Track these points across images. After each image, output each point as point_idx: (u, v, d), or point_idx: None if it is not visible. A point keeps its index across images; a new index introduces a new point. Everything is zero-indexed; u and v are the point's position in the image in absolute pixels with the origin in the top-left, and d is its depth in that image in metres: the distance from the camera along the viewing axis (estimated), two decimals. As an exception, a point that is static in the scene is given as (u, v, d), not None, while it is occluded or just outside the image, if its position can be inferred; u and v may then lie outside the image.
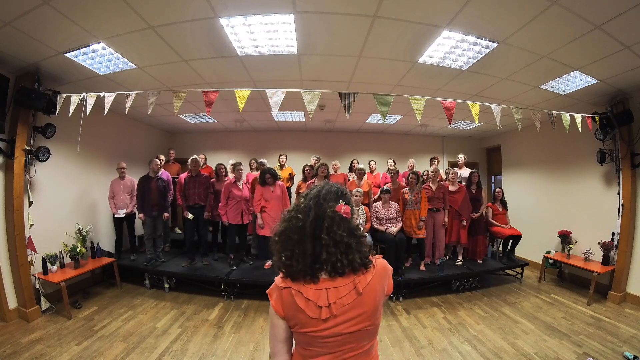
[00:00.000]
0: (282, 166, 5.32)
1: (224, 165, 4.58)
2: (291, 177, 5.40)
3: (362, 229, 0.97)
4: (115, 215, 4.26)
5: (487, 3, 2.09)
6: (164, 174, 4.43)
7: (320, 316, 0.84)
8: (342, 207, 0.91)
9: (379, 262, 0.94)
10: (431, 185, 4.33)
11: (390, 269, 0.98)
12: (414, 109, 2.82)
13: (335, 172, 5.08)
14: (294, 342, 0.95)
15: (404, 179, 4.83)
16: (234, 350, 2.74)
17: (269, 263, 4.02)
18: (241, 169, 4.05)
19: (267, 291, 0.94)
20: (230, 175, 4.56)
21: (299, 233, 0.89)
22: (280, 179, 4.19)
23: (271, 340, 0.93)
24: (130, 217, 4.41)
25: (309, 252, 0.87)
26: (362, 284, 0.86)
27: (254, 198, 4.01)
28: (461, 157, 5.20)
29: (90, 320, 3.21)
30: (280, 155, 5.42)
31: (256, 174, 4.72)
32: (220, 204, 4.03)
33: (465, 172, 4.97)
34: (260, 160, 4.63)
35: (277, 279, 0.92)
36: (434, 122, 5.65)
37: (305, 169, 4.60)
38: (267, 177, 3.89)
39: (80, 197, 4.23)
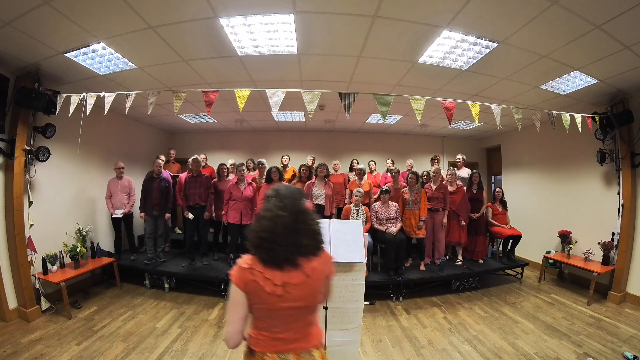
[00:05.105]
0: (285, 167, 5.26)
1: (226, 165, 4.57)
2: (294, 178, 5.37)
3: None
4: (113, 216, 4.24)
5: (487, 3, 2.09)
6: (165, 174, 4.43)
7: (275, 292, 1.03)
8: (309, 203, 1.20)
9: (325, 253, 1.16)
10: (432, 185, 4.33)
11: (330, 256, 1.18)
12: (414, 109, 2.82)
13: (336, 171, 5.05)
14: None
15: (403, 179, 4.83)
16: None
17: None
18: (243, 170, 4.05)
19: (229, 271, 1.13)
20: (231, 176, 4.55)
21: (284, 227, 1.06)
22: (285, 180, 4.18)
23: (231, 315, 1.07)
24: (127, 217, 4.37)
25: (292, 242, 1.06)
26: (309, 268, 1.08)
27: (258, 196, 3.99)
28: (460, 158, 5.17)
29: (90, 320, 3.21)
30: (283, 155, 5.40)
31: (254, 174, 4.72)
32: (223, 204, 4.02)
33: (464, 172, 4.96)
34: (259, 160, 4.62)
35: (241, 262, 1.09)
36: (434, 122, 5.65)
37: (302, 169, 4.49)
38: (272, 171, 3.91)
39: (80, 197, 4.23)
